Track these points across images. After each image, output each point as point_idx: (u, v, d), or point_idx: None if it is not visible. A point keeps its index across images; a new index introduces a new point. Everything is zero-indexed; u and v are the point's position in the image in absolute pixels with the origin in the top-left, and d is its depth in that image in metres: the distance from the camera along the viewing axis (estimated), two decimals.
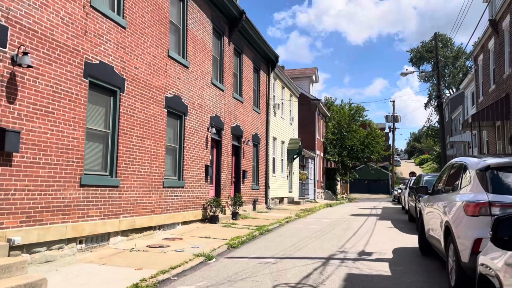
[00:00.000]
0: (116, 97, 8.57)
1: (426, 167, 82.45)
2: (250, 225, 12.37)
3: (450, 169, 6.78)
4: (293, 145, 24.30)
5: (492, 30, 19.46)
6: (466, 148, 35.49)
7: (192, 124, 11.89)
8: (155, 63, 10.01)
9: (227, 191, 14.55)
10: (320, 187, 35.90)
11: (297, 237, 10.37)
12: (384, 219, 15.75)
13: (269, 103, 19.82)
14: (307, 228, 12.35)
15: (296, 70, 38.51)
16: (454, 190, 6.07)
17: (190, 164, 11.72)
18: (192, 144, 11.86)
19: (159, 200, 10.06)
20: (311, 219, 15.38)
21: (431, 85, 74.36)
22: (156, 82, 10.01)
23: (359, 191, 64.53)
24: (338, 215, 17.39)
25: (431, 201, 7.24)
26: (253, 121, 17.64)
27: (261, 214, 16.25)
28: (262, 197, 18.83)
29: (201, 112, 12.54)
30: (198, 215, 12.14)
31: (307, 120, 33.18)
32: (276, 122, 21.60)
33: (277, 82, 22.16)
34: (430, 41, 68.63)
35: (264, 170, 19.17)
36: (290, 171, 24.74)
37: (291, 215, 15.86)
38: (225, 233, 10.60)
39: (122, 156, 8.63)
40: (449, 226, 5.49)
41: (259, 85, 18.71)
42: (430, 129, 72.98)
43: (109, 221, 8.16)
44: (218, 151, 14.07)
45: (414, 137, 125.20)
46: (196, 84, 12.25)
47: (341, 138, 37.62)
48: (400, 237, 10.51)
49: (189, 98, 11.75)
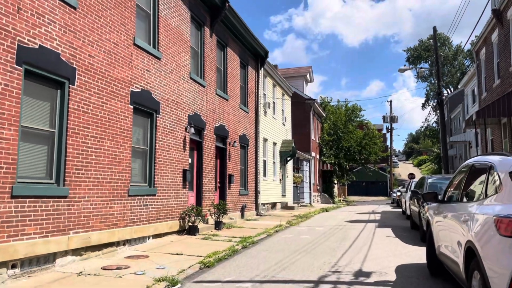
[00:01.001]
0: (64, 89, 7.18)
1: (424, 168, 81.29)
2: (233, 236, 10.98)
3: (467, 171, 5.42)
4: (286, 147, 22.95)
5: (496, 21, 18.18)
6: (467, 148, 34.21)
7: (166, 123, 10.51)
8: (117, 52, 8.63)
9: (210, 198, 13.17)
10: (316, 190, 34.53)
11: (285, 252, 8.99)
12: (384, 226, 14.39)
13: (259, 101, 18.47)
14: (298, 239, 10.97)
15: (290, 69, 37.22)
16: (476, 198, 4.71)
17: (163, 169, 10.33)
18: (166, 146, 10.47)
19: (124, 211, 8.66)
20: (303, 227, 14.00)
21: (428, 85, 73.36)
22: (118, 74, 8.63)
23: (357, 193, 63.26)
24: (333, 222, 16.01)
25: (442, 210, 5.88)
26: (240, 121, 16.28)
27: (249, 222, 14.86)
28: (252, 203, 17.45)
29: (177, 109, 11.16)
30: (174, 226, 10.74)
31: (302, 120, 31.86)
32: (267, 122, 20.25)
33: (268, 79, 20.81)
34: (428, 39, 67.52)
35: (254, 173, 17.80)
36: (283, 174, 23.37)
37: (282, 223, 14.48)
38: (202, 247, 9.21)
39: (72, 160, 7.23)
40: (473, 248, 4.13)
41: (247, 82, 17.36)
42: (428, 129, 71.79)
43: (54, 239, 6.76)
44: (199, 154, 12.69)
45: (412, 138, 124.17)
46: (171, 78, 10.88)
47: (338, 139, 36.32)
48: (403, 250, 9.14)
49: (162, 93, 10.38)
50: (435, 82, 72.43)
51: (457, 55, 65.58)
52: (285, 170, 23.87)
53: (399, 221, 16.31)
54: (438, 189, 11.41)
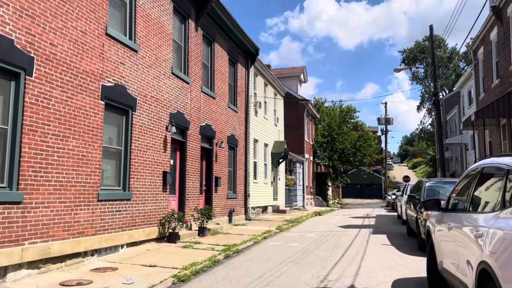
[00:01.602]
0: (19, 81, 6.35)
1: (419, 171, 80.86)
2: (217, 244, 10.17)
3: (476, 176, 4.66)
4: (278, 148, 22.16)
5: (495, 18, 17.53)
6: (463, 150, 33.63)
7: (143, 121, 9.69)
8: (86, 41, 7.81)
9: (194, 202, 12.34)
10: (310, 193, 33.77)
11: (271, 262, 8.19)
12: (379, 232, 13.63)
13: (249, 100, 17.68)
14: (287, 247, 10.17)
15: (283, 69, 36.51)
16: (489, 208, 3.95)
17: (140, 171, 9.50)
18: (144, 146, 9.65)
19: (92, 217, 7.83)
20: (294, 233, 13.21)
21: (424, 87, 72.98)
22: (87, 66, 7.81)
23: (351, 196, 62.58)
24: (326, 227, 15.24)
25: (446, 220, 5.12)
26: (228, 121, 15.48)
27: (236, 228, 14.04)
28: (241, 206, 16.64)
29: (157, 107, 10.35)
30: (152, 233, 9.91)
31: (295, 121, 31.11)
32: (257, 122, 19.46)
33: (259, 78, 20.03)
34: (424, 40, 67.10)
35: (243, 176, 16.99)
36: (275, 177, 22.58)
37: (272, 229, 13.68)
38: (181, 257, 8.39)
39: (28, 161, 6.40)
40: (488, 270, 3.35)
41: (236, 80, 16.57)
42: (423, 131, 71.33)
43: (4, 251, 5.92)
44: (182, 155, 11.87)
45: (407, 140, 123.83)
46: (150, 73, 10.06)
47: (332, 141, 35.61)
48: (399, 260, 8.37)
49: (139, 89, 9.56)
50: (430, 84, 72.19)
51: (452, 57, 65.15)
52: (277, 173, 23.08)
53: (394, 227, 15.57)
54: (437, 194, 10.68)
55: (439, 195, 10.67)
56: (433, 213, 6.14)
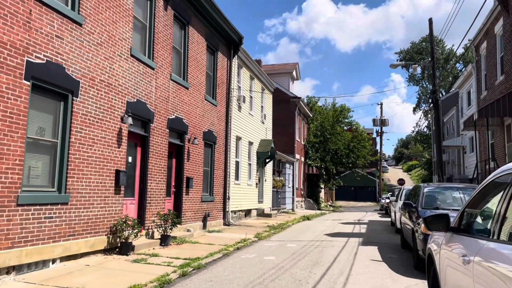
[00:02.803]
0: None
1: (414, 174, 79.63)
2: (177, 257, 8.58)
3: (509, 187, 3.08)
4: (264, 147, 20.59)
5: (501, 8, 16.05)
6: (460, 153, 32.21)
7: (89, 109, 8.08)
8: (4, 5, 6.20)
9: (158, 206, 10.75)
10: (300, 196, 32.23)
11: (234, 285, 6.62)
12: (369, 242, 12.09)
13: (230, 93, 16.10)
14: (259, 262, 8.60)
15: (275, 65, 34.98)
16: None
17: (83, 169, 7.90)
18: (88, 140, 8.05)
19: (8, 226, 6.22)
20: (273, 243, 11.64)
21: (420, 88, 71.79)
22: (5, 36, 6.20)
23: (345, 198, 61.17)
24: (311, 235, 13.67)
25: (459, 245, 3.57)
26: (205, 115, 13.88)
27: (210, 236, 12.46)
28: (219, 210, 15.05)
29: (109, 93, 8.74)
30: (99, 243, 8.31)
31: (286, 120, 29.58)
32: (241, 118, 17.89)
33: (244, 71, 18.46)
34: (421, 41, 65.83)
35: (223, 176, 15.41)
36: (260, 178, 21.00)
37: (249, 237, 12.10)
38: (123, 276, 6.80)
39: None
40: None
41: (216, 70, 14.98)
42: (419, 134, 70.08)
43: None
44: (144, 151, 10.27)
45: (402, 143, 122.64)
46: (100, 52, 8.46)
47: (324, 141, 34.07)
48: (392, 284, 6.82)
49: (84, 70, 7.96)
50: (427, 85, 71.00)
51: (449, 59, 63.91)
52: (263, 173, 21.51)
53: (387, 236, 14.04)
54: (436, 202, 9.16)
55: (439, 203, 9.15)
56: (439, 234, 4.58)
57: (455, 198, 9.10)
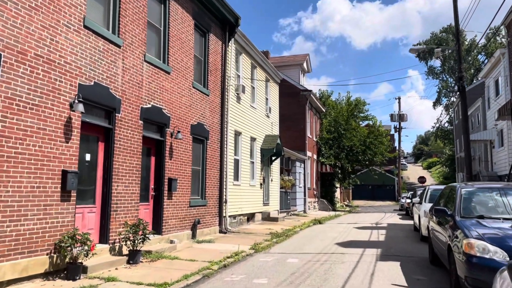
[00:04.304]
0: None
1: (435, 171, 76.38)
2: (140, 282, 6.64)
3: None
4: (269, 143, 18.54)
5: None
6: (488, 148, 29.54)
7: (17, 91, 6.20)
8: None
9: (130, 213, 8.83)
10: (313, 196, 30.05)
11: None
12: (390, 255, 9.95)
13: (226, 82, 14.11)
14: None
15: (284, 57, 32.89)
16: None
17: (9, 170, 6.02)
18: (17, 130, 6.17)
19: None
20: (271, 256, 9.59)
21: (440, 82, 68.61)
22: None
23: (362, 197, 58.64)
24: (319, 244, 11.58)
25: None
26: (193, 105, 11.93)
27: (196, 248, 10.49)
28: (213, 216, 13.08)
29: (51, 72, 6.85)
30: (36, 266, 6.42)
31: (296, 115, 27.48)
32: (241, 111, 15.90)
33: (244, 57, 16.45)
34: (441, 32, 62.67)
35: (218, 176, 13.43)
36: (265, 178, 18.97)
37: (243, 249, 10.08)
38: None
39: None
40: None
41: (208, 55, 13.01)
42: (440, 129, 66.89)
43: None
44: (107, 147, 8.36)
45: (421, 139, 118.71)
46: (34, 20, 6.56)
47: (338, 138, 31.75)
48: None
49: (9, 40, 6.07)
50: (447, 78, 67.77)
51: (471, 50, 60.59)
52: (268, 173, 19.47)
53: (411, 245, 11.86)
54: (479, 209, 6.97)
55: (482, 209, 6.97)
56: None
57: (503, 203, 6.90)
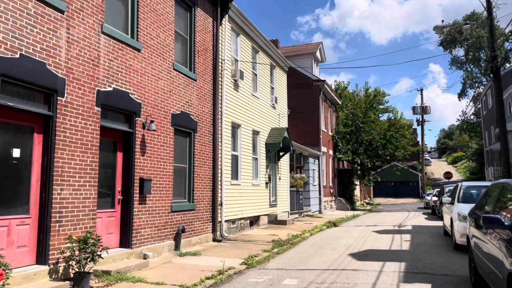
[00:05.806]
0: None
1: (460, 166, 72.73)
2: None
3: None
4: (275, 137, 16.50)
5: None
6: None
7: None
8: None
9: (82, 224, 6.98)
10: (329, 194, 27.85)
11: None
12: (416, 274, 7.80)
13: (218, 65, 12.16)
14: None
15: (295, 46, 30.71)
16: None
17: None
18: None
19: None
20: (264, 276, 7.57)
21: (465, 73, 65.03)
22: None
23: (384, 194, 55.91)
24: (328, 257, 9.50)
25: None
26: (174, 90, 10.01)
27: (176, 263, 8.56)
28: (205, 221, 11.16)
29: None
30: None
31: (308, 107, 25.37)
32: (240, 100, 13.92)
33: (242, 39, 14.46)
34: (464, 19, 59.19)
35: (210, 175, 11.51)
36: (271, 176, 16.95)
37: (232, 265, 8.11)
38: None
39: None
40: None
41: (194, 33, 11.08)
42: (466, 122, 63.36)
43: None
44: (46, 141, 6.52)
45: (445, 133, 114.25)
46: None
47: (356, 131, 29.41)
48: None
49: None
50: (472, 68, 64.16)
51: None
52: (276, 170, 17.44)
53: (443, 257, 9.66)
54: None
55: None
56: None
57: None
